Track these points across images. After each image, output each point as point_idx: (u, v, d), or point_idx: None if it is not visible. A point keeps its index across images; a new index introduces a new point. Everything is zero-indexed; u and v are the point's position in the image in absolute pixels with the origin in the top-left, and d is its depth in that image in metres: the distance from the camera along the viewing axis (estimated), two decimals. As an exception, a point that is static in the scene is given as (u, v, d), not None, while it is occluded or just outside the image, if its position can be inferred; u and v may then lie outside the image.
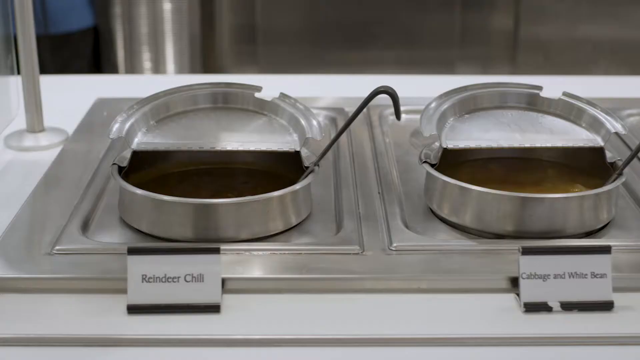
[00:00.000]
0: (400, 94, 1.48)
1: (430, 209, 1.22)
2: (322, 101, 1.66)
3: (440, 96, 1.28)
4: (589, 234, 1.16)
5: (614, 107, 1.62)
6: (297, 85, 1.92)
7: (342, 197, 1.24)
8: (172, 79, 1.98)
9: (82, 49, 2.90)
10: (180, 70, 3.11)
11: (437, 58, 3.07)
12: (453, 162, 1.26)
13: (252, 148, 1.22)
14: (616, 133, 1.25)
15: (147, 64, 3.11)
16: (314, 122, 1.23)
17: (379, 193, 1.26)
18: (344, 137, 1.46)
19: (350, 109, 1.57)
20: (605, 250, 1.02)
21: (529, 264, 1.02)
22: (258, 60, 3.13)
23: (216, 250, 1.01)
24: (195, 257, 1.01)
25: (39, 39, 2.65)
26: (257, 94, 1.27)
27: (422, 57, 3.07)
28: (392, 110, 1.56)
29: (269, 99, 1.27)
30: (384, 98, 1.20)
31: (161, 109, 1.25)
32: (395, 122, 1.55)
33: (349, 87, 1.63)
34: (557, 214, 1.13)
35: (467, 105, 1.28)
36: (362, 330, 0.99)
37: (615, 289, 1.03)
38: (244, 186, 1.25)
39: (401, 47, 3.06)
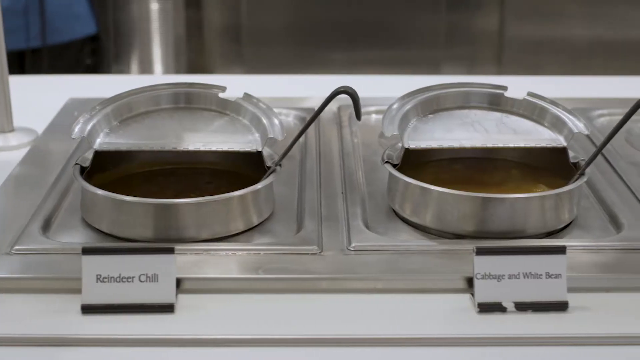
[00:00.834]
0: (380, 94, 1.48)
1: (393, 209, 1.22)
2: (306, 101, 1.65)
3: (403, 97, 1.28)
4: (550, 234, 1.16)
5: (587, 107, 1.63)
6: (281, 85, 1.92)
7: (305, 196, 1.24)
8: (149, 79, 1.98)
9: (82, 56, 2.89)
10: (166, 70, 3.11)
11: (423, 58, 3.07)
12: (417, 162, 1.26)
13: (214, 148, 1.23)
14: (586, 134, 1.25)
15: (133, 64, 3.11)
16: (276, 122, 1.23)
17: (342, 193, 1.26)
18: (312, 136, 1.46)
19: (322, 109, 1.57)
20: (560, 250, 1.02)
21: (483, 264, 1.01)
22: (244, 61, 3.14)
23: (170, 250, 1.01)
24: (150, 257, 1.01)
25: (38, 50, 2.66)
26: (220, 94, 1.28)
27: (407, 57, 3.07)
28: (362, 110, 1.57)
29: (232, 99, 1.27)
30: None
31: (124, 109, 1.25)
32: (365, 122, 1.55)
33: (333, 87, 1.63)
34: (518, 214, 1.13)
35: (431, 105, 1.29)
36: (316, 331, 0.99)
37: (573, 289, 1.03)
38: (207, 186, 1.25)
39: (387, 47, 3.06)
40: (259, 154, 1.22)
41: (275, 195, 1.23)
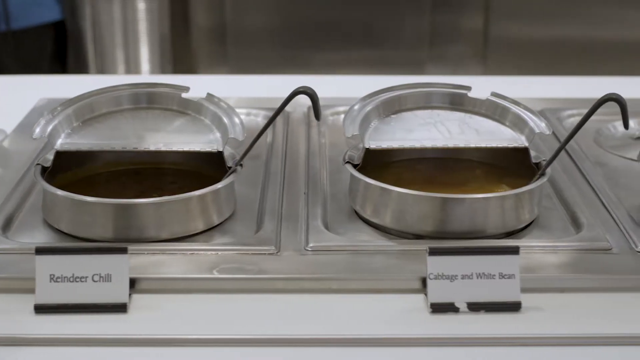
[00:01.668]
0: (360, 94, 1.47)
1: (354, 210, 1.21)
2: (278, 102, 1.64)
3: (365, 97, 1.28)
4: (510, 234, 1.16)
5: (559, 107, 1.63)
6: (262, 85, 1.91)
7: (267, 196, 1.24)
8: (122, 79, 1.98)
9: (45, 43, 2.88)
10: (152, 70, 3.10)
11: (407, 59, 3.06)
12: (380, 163, 1.26)
13: (175, 148, 1.23)
14: (548, 134, 1.25)
15: (119, 63, 3.10)
16: (237, 121, 1.24)
17: (305, 193, 1.26)
18: (279, 136, 1.46)
19: (291, 109, 1.58)
20: (513, 250, 1.02)
21: (436, 265, 1.01)
22: (229, 61, 3.13)
23: (123, 250, 1.01)
24: (103, 257, 1.01)
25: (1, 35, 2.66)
26: (183, 94, 1.28)
27: (392, 57, 3.06)
28: (331, 110, 1.58)
29: (193, 99, 1.27)
30: (328, 99, 1.18)
31: (86, 109, 1.25)
32: (334, 123, 1.55)
33: (315, 88, 1.62)
34: (477, 214, 1.13)
35: (393, 105, 1.28)
36: (271, 331, 0.99)
37: (528, 290, 1.03)
38: (171, 186, 1.25)
39: (371, 48, 3.06)
40: (219, 154, 1.22)
41: (238, 195, 1.23)
